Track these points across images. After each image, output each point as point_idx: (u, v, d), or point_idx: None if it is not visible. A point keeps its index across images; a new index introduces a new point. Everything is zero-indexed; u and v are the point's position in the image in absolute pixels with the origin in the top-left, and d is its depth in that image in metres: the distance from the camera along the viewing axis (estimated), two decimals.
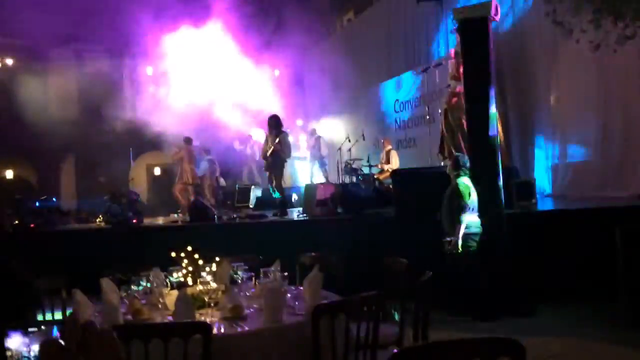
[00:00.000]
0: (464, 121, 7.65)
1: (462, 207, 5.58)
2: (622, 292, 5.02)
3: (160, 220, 10.33)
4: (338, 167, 11.50)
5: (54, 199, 11.01)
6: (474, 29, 5.78)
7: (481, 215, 5.77)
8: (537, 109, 9.28)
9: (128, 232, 8.20)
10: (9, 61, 17.14)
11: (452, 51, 7.78)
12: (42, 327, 2.33)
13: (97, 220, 10.64)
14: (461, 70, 7.38)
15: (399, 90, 12.53)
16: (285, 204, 9.25)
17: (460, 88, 7.50)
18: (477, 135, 5.81)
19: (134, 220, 8.56)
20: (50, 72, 17.63)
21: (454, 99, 7.70)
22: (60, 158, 18.41)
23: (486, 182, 5.85)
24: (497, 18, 6.06)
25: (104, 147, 17.42)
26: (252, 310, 3.15)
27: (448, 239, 5.70)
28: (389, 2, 13.74)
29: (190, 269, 3.43)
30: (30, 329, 2.03)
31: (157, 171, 19.25)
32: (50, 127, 16.65)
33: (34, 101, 16.40)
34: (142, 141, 16.58)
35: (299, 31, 17.63)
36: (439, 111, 8.50)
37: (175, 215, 11.65)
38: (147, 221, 9.43)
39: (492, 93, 5.71)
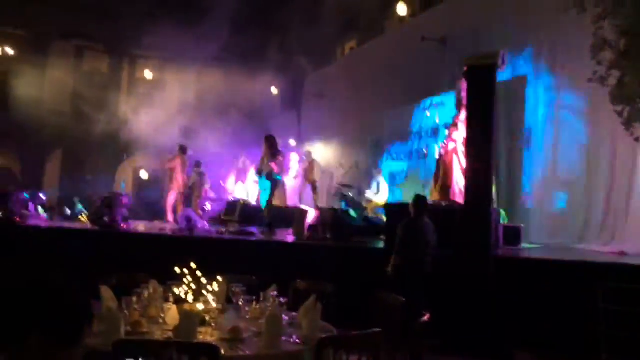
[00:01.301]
0: (455, 167, 7.85)
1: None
2: (603, 350, 5.14)
3: (142, 226, 10.28)
4: (329, 193, 11.60)
5: (40, 194, 10.87)
6: (480, 77, 5.98)
7: (470, 256, 5.91)
8: (527, 155, 9.52)
9: (116, 236, 8.16)
10: (10, 51, 17.05)
11: (455, 97, 7.99)
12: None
13: (81, 218, 10.58)
14: (460, 118, 7.61)
15: (396, 123, 12.73)
16: (273, 224, 9.29)
17: (457, 135, 7.70)
18: (475, 181, 5.97)
19: (123, 225, 8.52)
20: (49, 65, 17.57)
21: (450, 145, 7.87)
22: (48, 151, 18.27)
23: (478, 224, 6.00)
24: (504, 68, 6.28)
25: (93, 145, 17.38)
26: (249, 333, 3.18)
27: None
28: (394, 35, 14.02)
29: (192, 285, 3.47)
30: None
31: (143, 175, 19.17)
32: (42, 120, 16.61)
33: (29, 92, 16.31)
34: (132, 143, 16.56)
35: (301, 54, 17.92)
36: (436, 149, 8.70)
37: (159, 222, 11.62)
38: (132, 226, 9.38)
39: (493, 141, 5.89)
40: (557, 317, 5.94)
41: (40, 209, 10.45)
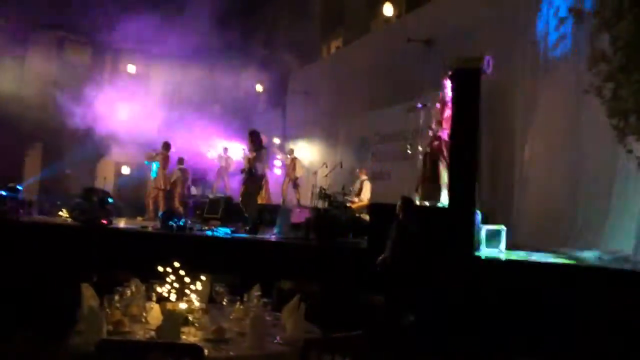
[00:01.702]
0: (441, 165, 7.91)
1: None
2: (587, 353, 5.19)
3: (122, 222, 10.17)
4: (312, 192, 11.58)
5: (19, 187, 10.67)
6: (465, 80, 6.02)
7: (452, 257, 5.95)
8: (511, 156, 9.59)
9: (97, 232, 8.04)
10: None
11: (440, 95, 8.02)
12: None
13: (60, 214, 10.40)
14: (445, 116, 7.66)
15: (381, 123, 12.76)
16: (256, 221, 9.23)
17: (442, 133, 7.75)
18: (459, 182, 6.01)
19: (104, 221, 8.40)
20: (29, 57, 17.25)
21: (435, 143, 7.92)
22: (27, 145, 17.95)
23: (461, 226, 6.04)
24: (489, 71, 6.32)
25: (74, 139, 17.13)
26: (233, 333, 3.16)
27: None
28: (379, 36, 14.05)
29: (175, 284, 3.43)
30: None
31: (124, 170, 18.96)
32: (21, 113, 16.30)
33: (7, 84, 16.02)
34: (113, 138, 16.36)
35: (286, 51, 17.88)
36: (419, 149, 8.72)
37: (140, 219, 11.50)
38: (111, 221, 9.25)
39: (478, 143, 5.94)
40: (540, 320, 6.01)
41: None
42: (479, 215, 6.90)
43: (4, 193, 9.14)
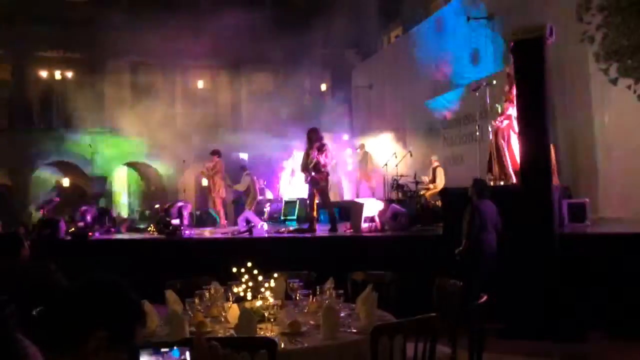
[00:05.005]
0: (511, 143, 7.67)
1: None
2: None
3: (207, 232, 10.55)
4: (384, 183, 11.53)
5: (109, 208, 11.42)
6: (528, 51, 5.77)
7: (532, 237, 5.75)
8: (589, 127, 9.14)
9: (178, 243, 8.45)
10: (69, 74, 17.91)
11: (505, 71, 7.76)
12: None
13: (149, 229, 11.00)
14: (513, 92, 7.38)
15: (448, 107, 12.52)
16: (334, 219, 9.20)
17: (510, 110, 7.51)
18: (531, 159, 5.78)
19: (186, 232, 8.82)
20: (106, 83, 18.21)
21: (504, 121, 7.69)
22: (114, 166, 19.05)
23: (538, 204, 5.82)
24: (552, 40, 6.04)
25: (155, 156, 18.06)
26: (308, 326, 3.24)
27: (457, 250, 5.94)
28: (438, 18, 13.77)
29: (250, 284, 3.57)
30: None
31: (204, 182, 19.67)
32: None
33: (90, 111, 17.09)
34: (191, 151, 17.03)
35: (347, 47, 17.91)
36: (489, 129, 8.50)
37: (221, 227, 11.82)
38: (195, 232, 9.66)
39: (548, 115, 5.69)
40: (630, 294, 5.69)
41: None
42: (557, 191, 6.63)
43: (98, 215, 9.80)
